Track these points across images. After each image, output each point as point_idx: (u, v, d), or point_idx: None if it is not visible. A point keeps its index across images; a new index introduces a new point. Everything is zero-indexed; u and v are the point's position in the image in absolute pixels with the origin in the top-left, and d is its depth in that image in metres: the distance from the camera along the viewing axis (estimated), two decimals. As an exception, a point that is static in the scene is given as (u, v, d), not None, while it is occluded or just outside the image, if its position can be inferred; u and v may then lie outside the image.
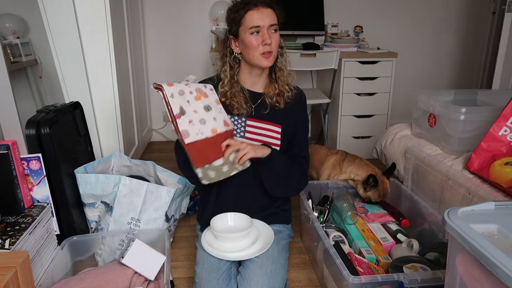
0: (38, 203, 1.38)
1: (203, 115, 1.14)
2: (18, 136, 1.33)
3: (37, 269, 1.25)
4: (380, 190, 1.64)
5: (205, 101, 1.16)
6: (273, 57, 1.26)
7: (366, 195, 1.66)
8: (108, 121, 2.03)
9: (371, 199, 1.67)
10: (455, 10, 3.22)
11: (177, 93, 1.11)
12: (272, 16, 1.23)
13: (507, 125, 1.39)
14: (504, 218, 0.85)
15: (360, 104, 2.70)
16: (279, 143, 1.34)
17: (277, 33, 1.25)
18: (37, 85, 2.10)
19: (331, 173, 1.79)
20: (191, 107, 1.13)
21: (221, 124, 1.18)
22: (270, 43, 1.22)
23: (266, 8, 1.22)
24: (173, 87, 1.11)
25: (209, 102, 1.17)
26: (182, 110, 1.11)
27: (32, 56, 2.05)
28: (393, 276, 1.09)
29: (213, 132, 1.15)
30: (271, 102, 1.33)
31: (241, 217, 1.35)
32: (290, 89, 1.34)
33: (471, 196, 1.35)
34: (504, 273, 0.65)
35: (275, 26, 1.24)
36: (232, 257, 1.23)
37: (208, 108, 1.16)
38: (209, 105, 1.16)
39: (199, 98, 1.15)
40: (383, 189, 1.64)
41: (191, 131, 1.11)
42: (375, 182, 1.62)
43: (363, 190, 1.67)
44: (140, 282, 1.22)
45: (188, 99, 1.13)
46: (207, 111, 1.15)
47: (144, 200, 1.47)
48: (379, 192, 1.64)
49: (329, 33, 2.93)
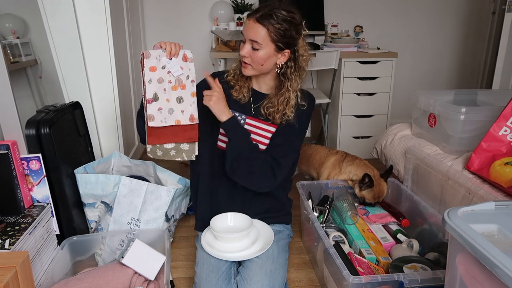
0: (38, 203, 1.38)
1: (173, 105, 1.21)
2: (18, 136, 1.33)
3: (37, 269, 1.25)
4: (375, 191, 1.63)
5: (181, 92, 1.21)
6: (250, 69, 1.26)
7: (361, 194, 1.66)
8: (108, 121, 2.03)
9: (365, 200, 1.66)
10: (455, 10, 3.22)
11: (156, 80, 1.17)
12: (256, 33, 1.18)
13: (507, 125, 1.39)
14: (504, 218, 0.85)
15: (360, 104, 2.70)
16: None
17: (259, 52, 1.20)
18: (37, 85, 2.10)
19: (331, 173, 1.79)
20: (165, 95, 1.19)
21: (187, 117, 1.23)
22: (242, 55, 1.23)
23: (255, 23, 1.18)
24: (155, 73, 1.16)
25: (184, 94, 1.22)
26: (155, 97, 1.18)
27: (32, 56, 2.05)
28: (393, 276, 1.09)
29: (176, 123, 1.22)
30: (268, 109, 1.30)
31: (241, 217, 1.35)
32: (291, 112, 1.28)
33: (471, 196, 1.35)
34: (504, 273, 0.65)
35: (256, 44, 1.19)
36: (232, 257, 1.23)
37: (181, 100, 1.21)
38: (182, 97, 1.21)
39: (176, 88, 1.21)
40: (379, 191, 1.64)
41: (156, 117, 1.19)
42: (370, 182, 1.62)
43: (359, 190, 1.67)
44: (140, 282, 1.22)
45: (165, 87, 1.19)
46: (178, 103, 1.21)
47: (144, 200, 1.47)
48: (374, 193, 1.63)
49: (329, 33, 2.93)
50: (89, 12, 1.83)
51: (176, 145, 1.26)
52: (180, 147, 1.26)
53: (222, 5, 2.84)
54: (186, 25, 2.98)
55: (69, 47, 1.82)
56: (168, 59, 1.18)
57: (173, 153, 1.26)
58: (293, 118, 1.28)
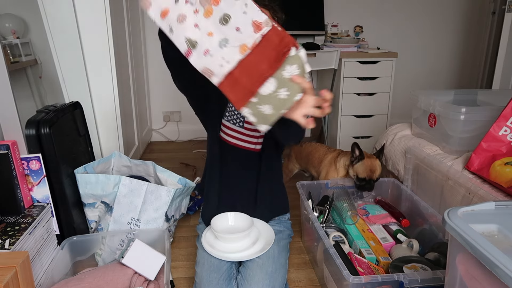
0: (38, 203, 1.38)
1: (221, 33, 0.84)
2: (18, 136, 1.33)
3: (37, 269, 1.25)
4: (367, 164, 1.62)
5: (219, 9, 0.83)
6: None
7: (354, 171, 1.65)
8: (108, 121, 2.03)
9: (358, 176, 1.64)
10: (455, 10, 3.22)
11: (176, 23, 0.85)
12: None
13: (507, 125, 1.39)
14: (504, 218, 0.85)
15: (360, 104, 2.70)
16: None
17: None
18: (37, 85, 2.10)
19: (329, 171, 1.79)
20: (201, 31, 0.84)
21: (250, 31, 0.83)
22: None
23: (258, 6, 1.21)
24: (169, 15, 0.85)
25: (225, 8, 0.83)
26: (190, 43, 0.85)
27: (32, 56, 2.06)
28: (393, 276, 1.09)
29: (243, 51, 0.84)
30: None
31: (241, 217, 1.35)
32: None
33: (471, 196, 1.35)
34: (504, 273, 0.65)
35: None
36: (233, 257, 1.23)
37: (226, 19, 0.84)
38: (225, 13, 0.83)
39: (210, 12, 0.84)
40: (370, 164, 1.63)
41: (213, 66, 0.85)
42: (360, 153, 1.62)
43: (352, 167, 1.66)
44: (140, 282, 1.22)
45: (196, 22, 0.84)
46: (225, 24, 0.84)
47: (144, 200, 1.47)
48: (365, 166, 1.62)
49: (329, 33, 2.93)
50: (89, 12, 1.83)
51: (276, 79, 0.84)
52: (284, 75, 0.84)
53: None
54: (186, 25, 2.97)
55: (69, 47, 1.82)
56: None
57: (284, 92, 0.84)
58: None
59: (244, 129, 1.37)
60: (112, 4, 1.91)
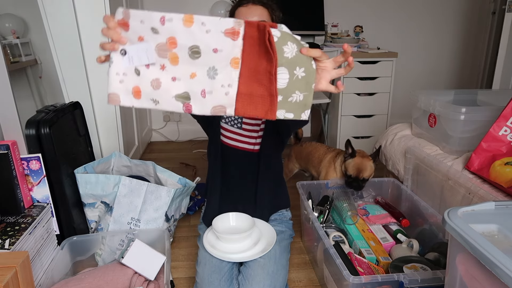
0: (38, 203, 1.38)
1: (203, 66, 0.79)
2: (18, 136, 1.33)
3: (37, 269, 1.25)
4: (356, 162, 1.62)
5: (182, 47, 0.78)
6: None
7: (345, 166, 1.66)
8: (108, 121, 2.03)
9: (347, 173, 1.64)
10: (455, 10, 3.22)
11: (153, 91, 0.79)
12: (262, 13, 1.22)
13: (507, 125, 1.39)
14: (504, 218, 0.85)
15: (360, 104, 2.70)
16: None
17: None
18: (37, 85, 2.10)
19: (328, 170, 1.79)
20: (183, 79, 0.79)
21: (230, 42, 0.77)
22: None
23: (255, 6, 1.21)
24: (142, 92, 0.80)
25: (186, 41, 0.78)
26: (181, 97, 0.80)
27: (32, 56, 2.06)
28: (393, 276, 1.09)
29: (236, 65, 0.78)
30: None
31: (243, 217, 1.35)
32: None
33: (471, 196, 1.35)
34: (504, 273, 0.65)
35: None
36: (235, 258, 1.23)
37: (196, 51, 0.78)
38: (190, 46, 0.77)
39: (175, 57, 0.78)
40: (360, 163, 1.62)
41: (219, 101, 0.80)
42: (352, 150, 1.63)
43: (344, 161, 1.67)
44: (140, 282, 1.22)
45: (171, 76, 0.79)
46: (198, 56, 0.78)
47: (144, 200, 1.47)
48: (354, 164, 1.62)
49: (329, 33, 2.93)
50: (89, 12, 1.83)
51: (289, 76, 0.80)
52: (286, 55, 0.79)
53: (222, 5, 2.84)
54: (186, 25, 2.97)
55: (69, 47, 1.82)
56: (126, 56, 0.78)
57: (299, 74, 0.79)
58: None
59: (242, 130, 1.37)
60: (112, 4, 1.91)
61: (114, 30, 0.76)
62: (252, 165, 1.40)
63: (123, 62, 0.78)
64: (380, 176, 2.03)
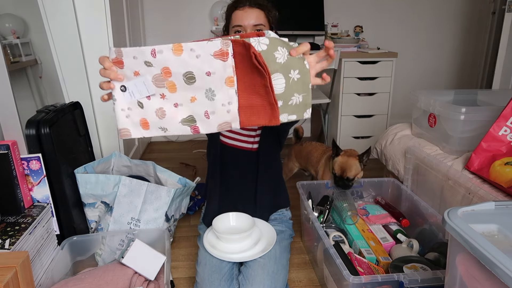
0: (38, 203, 1.38)
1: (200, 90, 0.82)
2: (18, 136, 1.33)
3: (37, 269, 1.25)
4: (340, 161, 1.62)
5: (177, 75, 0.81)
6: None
7: (332, 166, 1.66)
8: (108, 121, 2.03)
9: (333, 171, 1.64)
10: (455, 10, 3.22)
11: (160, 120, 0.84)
12: (258, 16, 1.22)
13: (507, 125, 1.39)
14: (504, 218, 0.85)
15: (360, 104, 2.70)
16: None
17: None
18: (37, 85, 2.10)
19: (325, 170, 1.79)
20: (185, 104, 0.83)
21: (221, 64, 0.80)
22: None
23: (252, 8, 1.21)
24: (150, 122, 0.85)
25: (179, 69, 0.81)
26: (187, 121, 0.85)
27: (32, 56, 2.06)
28: (393, 276, 1.09)
29: (232, 83, 0.81)
30: None
31: (243, 217, 1.35)
32: None
33: (471, 196, 1.35)
34: (504, 273, 0.65)
35: (260, 26, 1.22)
36: (235, 258, 1.23)
37: (191, 76, 0.81)
38: (184, 73, 0.81)
39: (173, 85, 0.82)
40: (345, 162, 1.61)
41: (222, 118, 0.83)
42: (337, 149, 1.64)
43: (332, 160, 1.68)
44: (140, 282, 1.22)
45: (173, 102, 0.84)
46: (193, 81, 0.81)
47: (144, 200, 1.47)
48: (338, 163, 1.62)
49: (329, 33, 2.93)
50: (89, 12, 1.83)
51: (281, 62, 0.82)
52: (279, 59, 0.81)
53: (222, 5, 2.84)
54: (186, 25, 2.98)
55: (69, 47, 1.82)
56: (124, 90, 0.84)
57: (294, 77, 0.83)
58: None
59: (240, 129, 1.37)
60: (112, 4, 1.91)
61: (110, 69, 0.81)
62: (251, 164, 1.40)
63: (125, 98, 0.85)
64: (380, 176, 2.04)
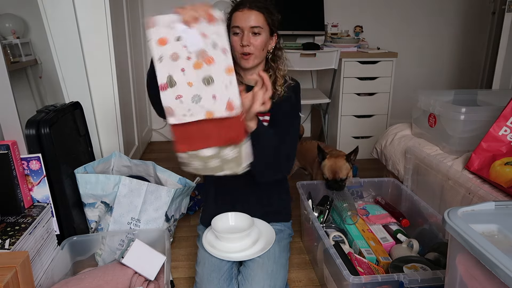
0: (38, 203, 1.38)
1: (199, 90, 0.87)
2: (18, 136, 1.33)
3: (37, 269, 1.25)
4: (328, 164, 1.62)
5: (208, 69, 0.88)
6: (253, 58, 1.24)
7: (322, 170, 1.66)
8: (108, 121, 2.03)
9: (324, 175, 1.64)
10: (455, 10, 3.22)
11: (168, 57, 0.86)
12: (256, 19, 1.21)
13: (507, 125, 1.39)
14: (504, 218, 0.85)
15: (360, 104, 2.70)
16: None
17: (260, 36, 1.22)
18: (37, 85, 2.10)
19: (318, 170, 1.79)
20: (185, 77, 0.87)
21: (223, 106, 0.88)
22: (245, 44, 1.21)
23: (251, 11, 1.21)
24: (165, 47, 0.86)
25: (214, 72, 0.88)
26: (170, 81, 0.87)
27: (32, 56, 2.05)
28: (393, 276, 1.09)
29: (208, 116, 0.89)
30: None
31: (242, 216, 1.35)
32: (281, 90, 1.30)
33: (471, 196, 1.35)
34: (504, 273, 0.65)
35: (258, 28, 1.21)
36: (234, 257, 1.23)
37: (209, 81, 0.88)
38: (211, 76, 0.88)
39: (200, 65, 0.87)
40: (333, 164, 1.62)
41: (177, 110, 0.87)
42: (322, 153, 1.64)
43: (320, 165, 1.67)
44: (140, 282, 1.22)
45: (183, 66, 0.87)
46: (206, 85, 0.87)
47: (144, 200, 1.47)
48: (327, 166, 1.62)
49: (329, 33, 2.93)
50: (89, 12, 1.83)
51: (218, 151, 0.92)
52: (223, 153, 0.93)
53: (222, 5, 2.84)
54: (186, 25, 2.97)
55: (69, 47, 1.82)
56: (185, 27, 0.86)
57: (215, 163, 0.94)
58: (284, 93, 1.29)
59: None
60: (112, 5, 1.91)
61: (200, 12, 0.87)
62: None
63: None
64: (380, 176, 2.04)
